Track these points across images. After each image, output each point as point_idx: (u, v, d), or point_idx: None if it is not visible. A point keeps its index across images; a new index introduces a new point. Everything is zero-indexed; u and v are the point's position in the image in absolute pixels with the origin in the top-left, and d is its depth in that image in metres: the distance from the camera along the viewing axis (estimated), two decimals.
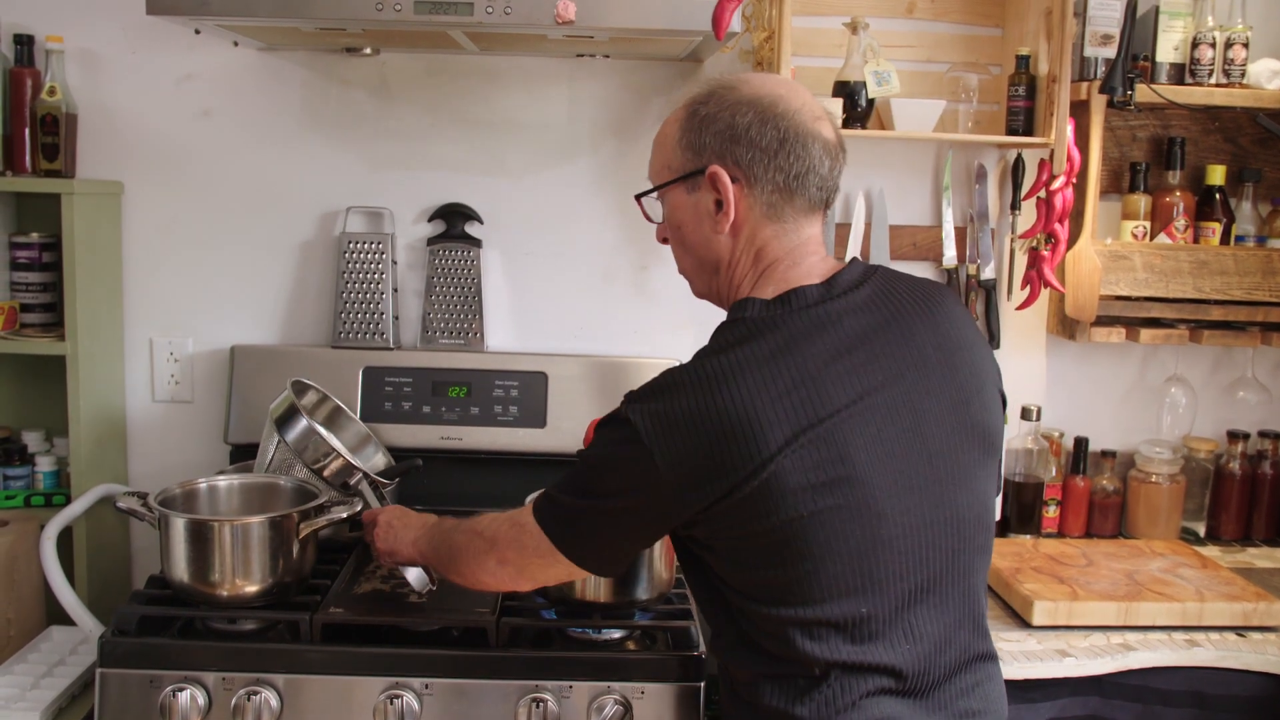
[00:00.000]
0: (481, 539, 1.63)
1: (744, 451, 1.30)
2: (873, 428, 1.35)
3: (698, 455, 1.32)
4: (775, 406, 1.31)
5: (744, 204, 1.45)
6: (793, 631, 1.37)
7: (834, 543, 1.33)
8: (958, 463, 1.42)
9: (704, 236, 1.49)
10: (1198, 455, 2.57)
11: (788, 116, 1.42)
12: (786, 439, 1.30)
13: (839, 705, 1.37)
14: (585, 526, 1.47)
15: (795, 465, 1.31)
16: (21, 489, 2.38)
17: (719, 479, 1.31)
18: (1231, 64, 2.36)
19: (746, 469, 1.30)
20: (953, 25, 2.49)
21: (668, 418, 1.33)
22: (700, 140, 1.45)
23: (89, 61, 2.42)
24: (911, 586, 1.38)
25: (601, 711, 1.79)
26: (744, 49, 2.44)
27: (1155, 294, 2.39)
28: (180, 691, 1.77)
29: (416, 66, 2.47)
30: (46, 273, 2.34)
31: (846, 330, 1.38)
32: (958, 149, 2.53)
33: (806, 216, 1.47)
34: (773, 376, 1.32)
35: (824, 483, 1.32)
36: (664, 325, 2.55)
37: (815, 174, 1.44)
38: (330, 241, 2.50)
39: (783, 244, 1.46)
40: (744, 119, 1.42)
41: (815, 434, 1.31)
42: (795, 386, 1.32)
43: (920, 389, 1.39)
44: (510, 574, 1.59)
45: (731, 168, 1.43)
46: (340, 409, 2.29)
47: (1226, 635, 2.02)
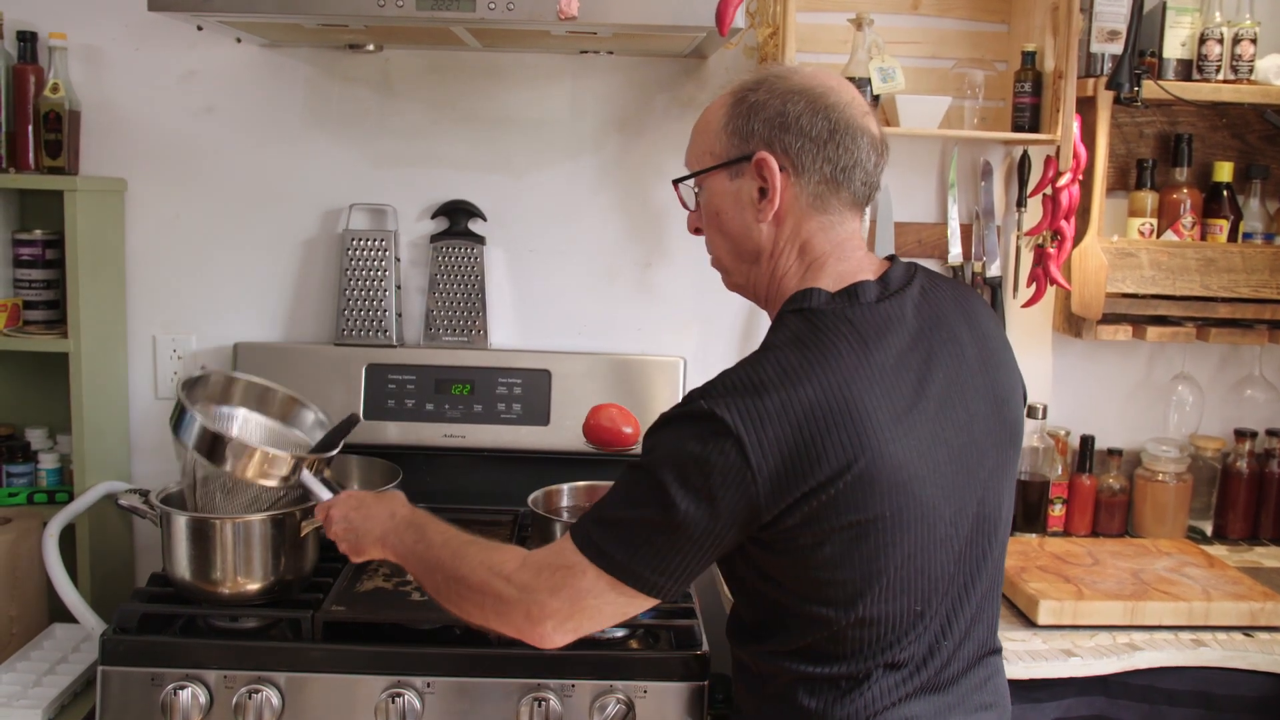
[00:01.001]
0: (505, 582, 1.43)
1: (843, 441, 1.27)
2: (935, 427, 1.35)
3: (795, 446, 1.27)
4: (867, 398, 1.30)
5: (789, 193, 1.42)
6: (848, 632, 1.36)
7: (899, 542, 1.33)
8: (996, 462, 1.43)
9: (745, 224, 1.46)
10: (1205, 454, 2.56)
11: (839, 108, 1.41)
12: (884, 430, 1.29)
13: (880, 705, 1.37)
14: (660, 545, 1.33)
15: (893, 459, 1.29)
16: (24, 486, 2.38)
17: (815, 471, 1.27)
18: (1239, 60, 2.34)
19: (845, 459, 1.27)
20: (958, 21, 2.48)
21: (759, 411, 1.28)
22: (749, 126, 1.42)
23: (92, 58, 2.42)
24: (957, 586, 1.40)
25: (604, 711, 1.79)
26: (748, 45, 2.43)
27: (1162, 291, 2.38)
28: (182, 689, 1.77)
29: (419, 63, 2.47)
30: (49, 270, 2.34)
31: (909, 327, 1.39)
32: (963, 146, 2.52)
33: (850, 210, 1.45)
34: (863, 366, 1.31)
35: (902, 481, 1.31)
36: (668, 323, 2.55)
37: (861, 168, 1.43)
38: (333, 238, 2.49)
39: (829, 237, 1.44)
40: (795, 107, 1.40)
41: (899, 429, 1.31)
42: (881, 379, 1.32)
43: (969, 389, 1.40)
44: (551, 628, 1.41)
45: (780, 155, 1.41)
46: (255, 385, 2.03)
47: (1233, 635, 2.01)
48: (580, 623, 1.40)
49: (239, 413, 2.01)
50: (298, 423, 2.03)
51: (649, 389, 2.40)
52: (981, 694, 1.46)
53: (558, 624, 1.40)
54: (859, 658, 1.37)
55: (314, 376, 2.39)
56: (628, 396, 2.39)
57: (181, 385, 1.85)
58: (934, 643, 1.39)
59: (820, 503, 1.28)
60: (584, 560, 1.36)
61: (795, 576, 1.36)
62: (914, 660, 1.38)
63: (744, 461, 1.27)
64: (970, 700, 1.44)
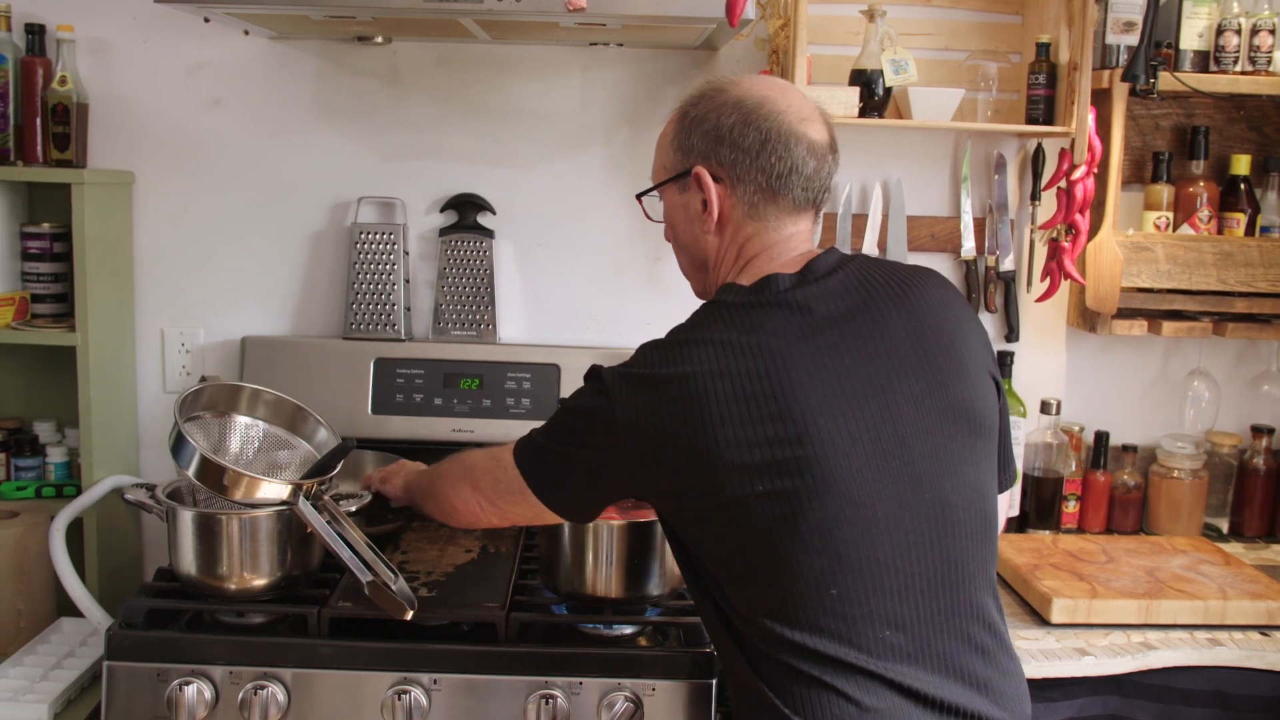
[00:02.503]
0: (461, 466, 1.74)
1: (693, 424, 1.34)
2: (836, 410, 1.35)
3: (653, 419, 1.37)
4: (731, 383, 1.34)
5: (727, 203, 1.49)
6: (768, 613, 1.36)
7: (794, 521, 1.33)
8: (939, 447, 1.40)
9: (694, 235, 1.54)
10: (1221, 450, 2.54)
11: (771, 118, 1.45)
12: (736, 415, 1.33)
13: (819, 697, 1.34)
14: (556, 471, 1.53)
15: (740, 441, 1.33)
16: (32, 480, 2.37)
17: (669, 447, 1.36)
18: (1257, 51, 2.32)
19: (693, 442, 1.34)
20: (971, 12, 2.46)
21: (632, 379, 1.40)
22: (689, 141, 1.49)
23: (100, 51, 2.41)
24: (897, 574, 1.36)
25: (612, 709, 1.78)
26: (759, 37, 2.41)
27: (1178, 286, 2.36)
28: (187, 685, 1.76)
29: (428, 55, 2.45)
30: (57, 263, 2.33)
31: (816, 315, 1.40)
32: (977, 138, 2.50)
33: (790, 215, 1.49)
34: (734, 354, 1.36)
35: (777, 461, 1.32)
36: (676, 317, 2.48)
37: (799, 174, 1.46)
38: (342, 232, 2.48)
39: (762, 240, 1.50)
40: (728, 120, 1.46)
41: (770, 411, 1.33)
42: (755, 365, 1.35)
43: (890, 373, 1.39)
44: (481, 504, 1.68)
45: (715, 168, 1.48)
46: (257, 392, 2.03)
47: (1250, 634, 1.99)
48: (504, 509, 1.66)
49: (240, 421, 2.01)
50: (302, 429, 2.04)
51: None
52: (979, 701, 1.38)
53: (486, 499, 1.67)
54: (784, 644, 1.35)
55: (322, 371, 2.38)
56: None
57: (178, 405, 1.85)
58: (881, 635, 1.35)
59: (682, 479, 1.37)
60: (512, 461, 1.58)
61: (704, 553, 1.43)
62: (867, 657, 1.34)
63: (612, 420, 1.40)
64: (964, 707, 1.37)
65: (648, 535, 1.87)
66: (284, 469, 2.01)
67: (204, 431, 1.96)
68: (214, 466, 1.78)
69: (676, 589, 1.94)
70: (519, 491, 1.57)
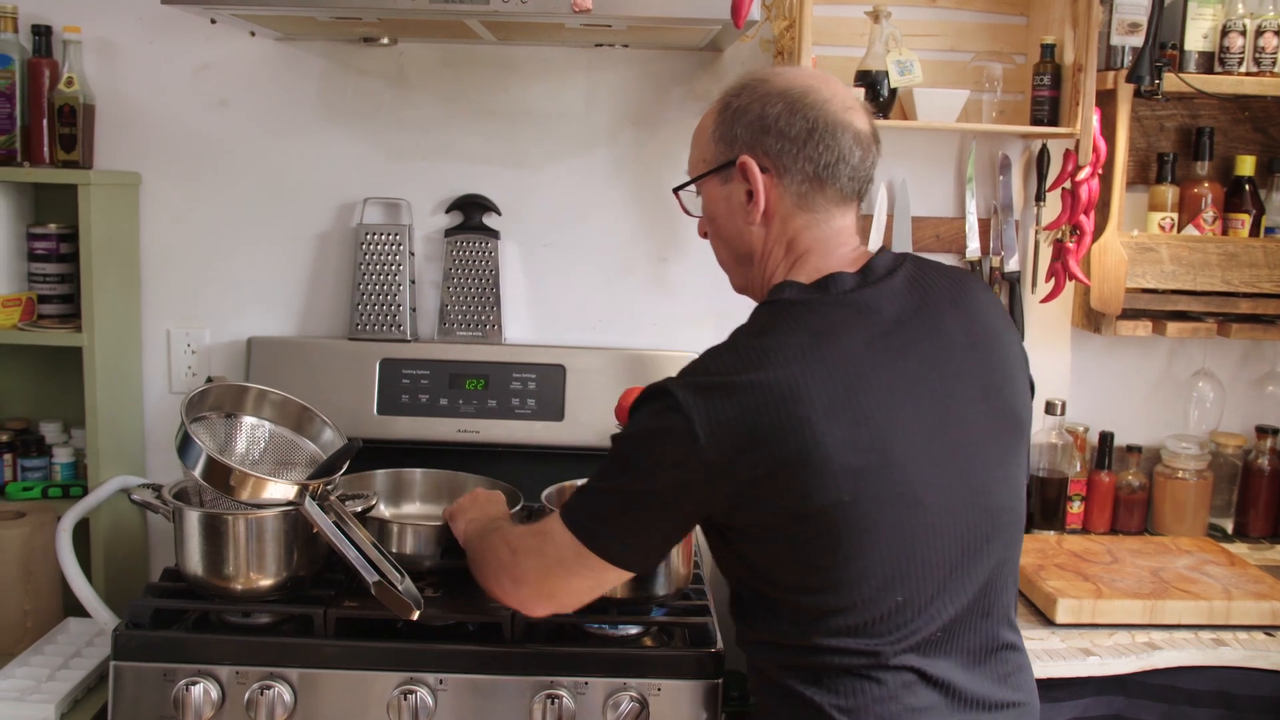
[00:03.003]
0: (506, 548, 1.59)
1: (788, 427, 1.30)
2: (907, 414, 1.35)
3: (740, 427, 1.31)
4: (818, 387, 1.31)
5: (774, 194, 1.46)
6: (828, 621, 1.36)
7: (874, 529, 1.33)
8: (990, 449, 1.43)
9: (737, 228, 1.50)
10: (1225, 451, 2.54)
11: (817, 107, 1.43)
12: (830, 419, 1.30)
13: (873, 696, 1.36)
14: (620, 512, 1.43)
15: (839, 445, 1.30)
16: (39, 480, 2.38)
17: (761, 451, 1.30)
18: (1262, 52, 2.31)
19: (791, 444, 1.30)
20: (976, 14, 2.46)
21: (709, 388, 1.33)
22: (732, 132, 1.47)
23: (106, 52, 2.41)
24: (944, 574, 1.38)
25: (618, 708, 1.78)
26: (764, 38, 2.41)
27: (1182, 287, 2.36)
28: (194, 685, 1.77)
29: (434, 56, 2.46)
30: (64, 264, 2.34)
31: (883, 317, 1.40)
32: (981, 139, 2.50)
33: (839, 206, 1.47)
34: (814, 359, 1.33)
35: (864, 467, 1.31)
36: (683, 317, 2.53)
37: (846, 163, 1.44)
38: (347, 233, 2.49)
39: (814, 234, 1.47)
40: (774, 109, 1.43)
41: (856, 417, 1.32)
42: (835, 370, 1.33)
43: (952, 375, 1.40)
44: (527, 594, 1.55)
45: (761, 158, 1.45)
46: (263, 392, 2.05)
47: (1255, 634, 1.99)
48: (552, 589, 1.52)
49: (247, 421, 2.01)
50: (308, 430, 2.05)
51: None
52: (1001, 691, 1.44)
53: (534, 590, 1.53)
54: (846, 648, 1.36)
55: (328, 371, 2.39)
56: None
57: (185, 405, 1.86)
58: (924, 633, 1.38)
59: (774, 485, 1.31)
60: (559, 525, 1.46)
61: (770, 565, 1.39)
62: (910, 653, 1.37)
63: (692, 438, 1.32)
64: (986, 699, 1.42)
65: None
66: (290, 469, 2.02)
67: (210, 432, 1.96)
68: (220, 467, 1.79)
69: (682, 589, 1.94)
70: (573, 561, 1.45)
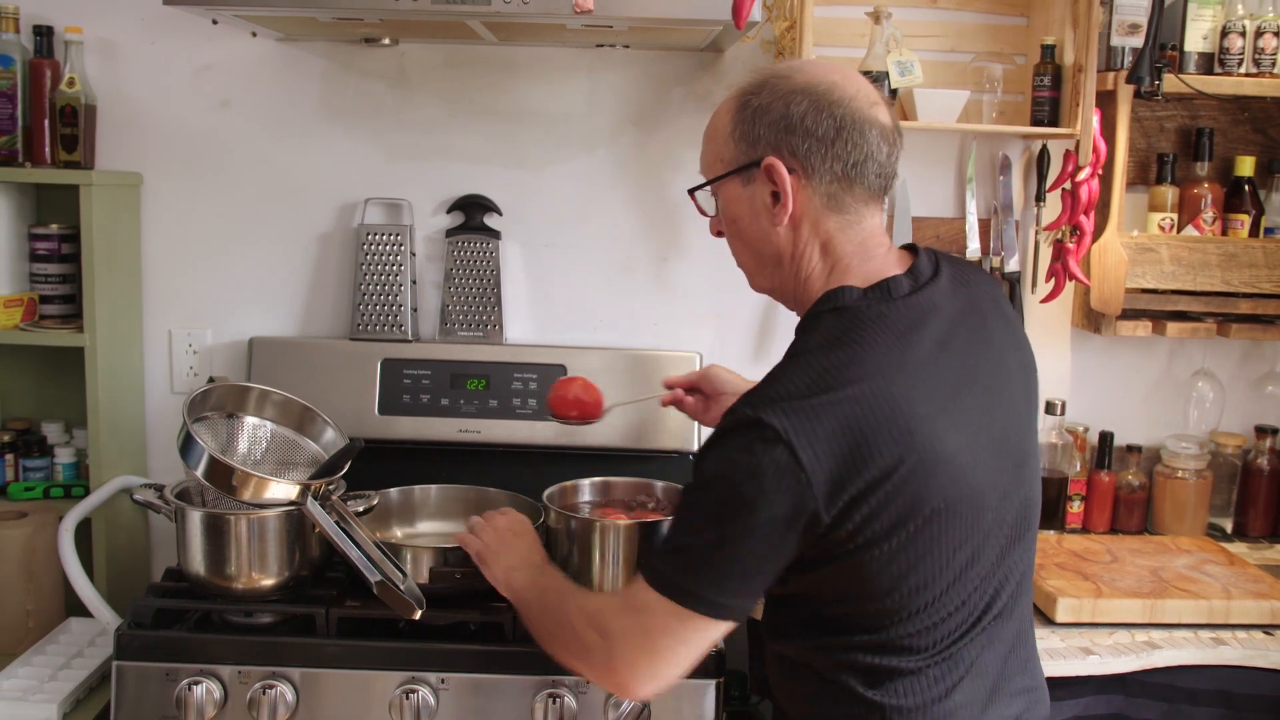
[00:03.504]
0: (592, 630, 1.44)
1: (893, 438, 1.26)
2: (976, 415, 1.35)
3: (845, 446, 1.25)
4: (910, 392, 1.29)
5: (802, 195, 1.41)
6: (904, 625, 1.35)
7: (953, 533, 1.33)
8: (1030, 444, 1.46)
9: (762, 230, 1.45)
10: (1225, 450, 2.54)
11: (843, 103, 1.38)
12: (926, 423, 1.29)
13: (933, 693, 1.37)
14: (719, 562, 1.31)
15: (937, 450, 1.29)
16: (40, 480, 2.38)
17: (868, 469, 1.26)
18: (1262, 53, 2.32)
19: (895, 455, 1.26)
20: (977, 14, 2.46)
21: (806, 413, 1.26)
22: (754, 131, 1.41)
23: (108, 52, 2.42)
24: (1001, 572, 1.40)
25: (619, 708, 1.78)
26: (765, 39, 2.41)
27: (1182, 287, 2.36)
28: (196, 685, 1.77)
29: (435, 57, 2.46)
30: (65, 264, 2.34)
31: (942, 318, 1.39)
32: (982, 140, 2.50)
33: (867, 206, 1.44)
34: (900, 364, 1.31)
35: (951, 473, 1.30)
36: (684, 317, 2.54)
37: (874, 161, 1.40)
38: (349, 233, 2.49)
39: (849, 236, 1.43)
40: (798, 108, 1.38)
41: (944, 421, 1.31)
42: (920, 374, 1.32)
43: (1004, 374, 1.42)
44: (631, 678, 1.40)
45: (788, 158, 1.39)
46: (265, 393, 2.06)
47: (1254, 634, 1.99)
48: (656, 665, 1.37)
49: (248, 421, 2.01)
50: (310, 430, 2.05)
51: None
52: (1021, 678, 1.47)
53: (633, 670, 1.38)
54: (912, 649, 1.37)
55: (329, 371, 2.39)
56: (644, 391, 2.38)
57: (187, 405, 1.86)
58: (980, 627, 1.40)
59: (877, 501, 1.27)
60: (652, 594, 1.34)
61: (850, 575, 1.33)
62: (962, 645, 1.38)
63: (796, 464, 1.25)
64: (1011, 684, 1.44)
65: (655, 535, 1.88)
66: (292, 469, 2.02)
67: (212, 432, 1.97)
68: (223, 467, 1.79)
69: None
70: (677, 628, 1.33)
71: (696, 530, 1.33)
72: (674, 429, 2.39)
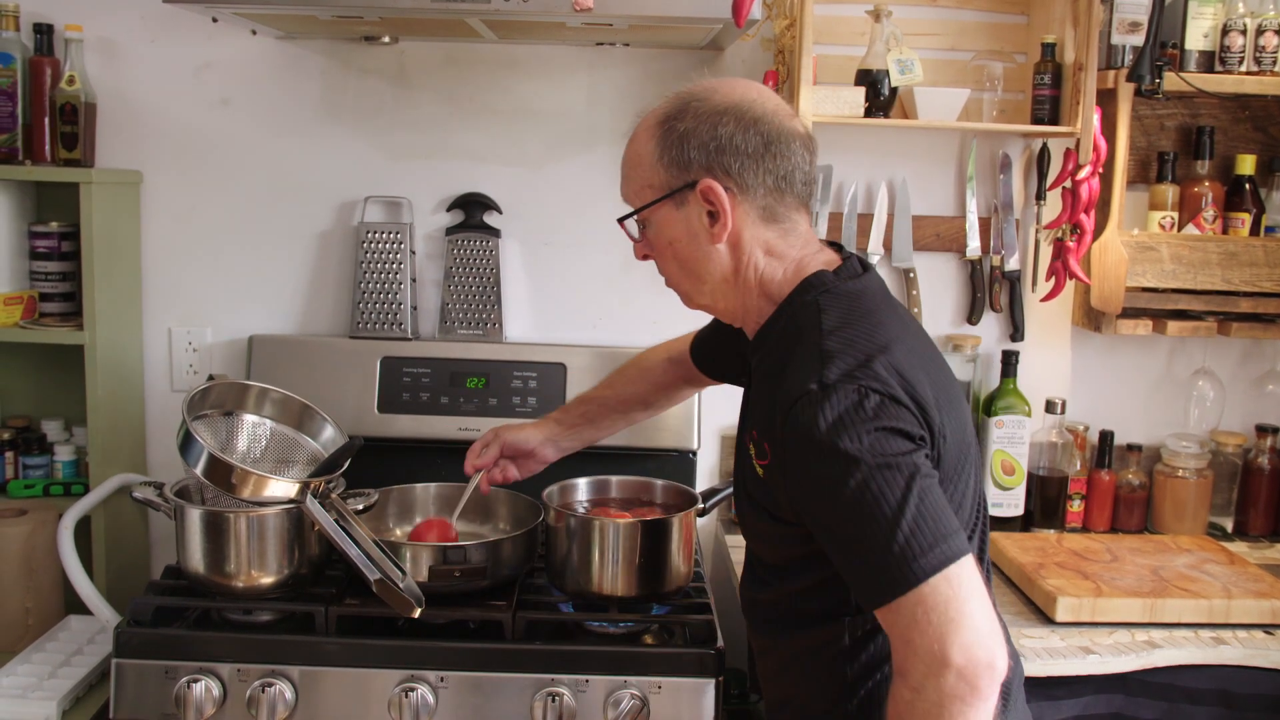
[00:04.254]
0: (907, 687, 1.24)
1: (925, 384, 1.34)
2: (945, 367, 1.46)
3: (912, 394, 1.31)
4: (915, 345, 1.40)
5: (739, 211, 1.44)
6: None
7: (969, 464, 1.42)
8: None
9: (700, 250, 1.47)
10: (1225, 449, 2.54)
11: (766, 119, 1.43)
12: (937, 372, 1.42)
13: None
14: (930, 509, 1.23)
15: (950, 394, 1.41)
16: (40, 478, 2.38)
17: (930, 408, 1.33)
18: (1263, 51, 2.31)
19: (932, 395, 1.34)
20: (977, 13, 2.46)
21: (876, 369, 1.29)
22: (684, 155, 1.43)
23: (108, 50, 2.42)
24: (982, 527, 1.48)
25: (618, 706, 1.78)
26: (765, 37, 2.41)
27: (1183, 286, 2.36)
28: (195, 683, 1.78)
29: (435, 55, 2.46)
30: (65, 262, 2.34)
31: (889, 292, 1.52)
32: (982, 138, 2.50)
33: (798, 212, 1.49)
34: (901, 325, 1.42)
35: (961, 412, 1.42)
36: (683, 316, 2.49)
37: (800, 170, 1.46)
38: (348, 231, 2.49)
39: (789, 242, 1.47)
40: (725, 129, 1.42)
41: (944, 375, 1.44)
42: (914, 334, 1.44)
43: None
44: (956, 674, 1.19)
45: (722, 178, 1.42)
46: (265, 391, 2.06)
47: (1254, 633, 1.99)
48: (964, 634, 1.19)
49: (248, 419, 2.01)
50: (309, 428, 2.05)
51: None
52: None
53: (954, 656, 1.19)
54: None
55: (329, 369, 2.39)
56: None
57: (186, 403, 1.86)
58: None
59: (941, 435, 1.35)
60: (913, 594, 1.21)
61: None
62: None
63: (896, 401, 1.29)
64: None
65: (653, 533, 1.88)
66: (291, 467, 2.02)
67: (212, 430, 1.97)
68: (222, 465, 1.79)
69: (682, 587, 1.94)
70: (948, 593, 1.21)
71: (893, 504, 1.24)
72: (673, 427, 2.39)
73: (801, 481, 1.31)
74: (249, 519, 1.82)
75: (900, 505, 1.23)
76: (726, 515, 2.51)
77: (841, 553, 1.28)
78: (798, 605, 1.46)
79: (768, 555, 1.48)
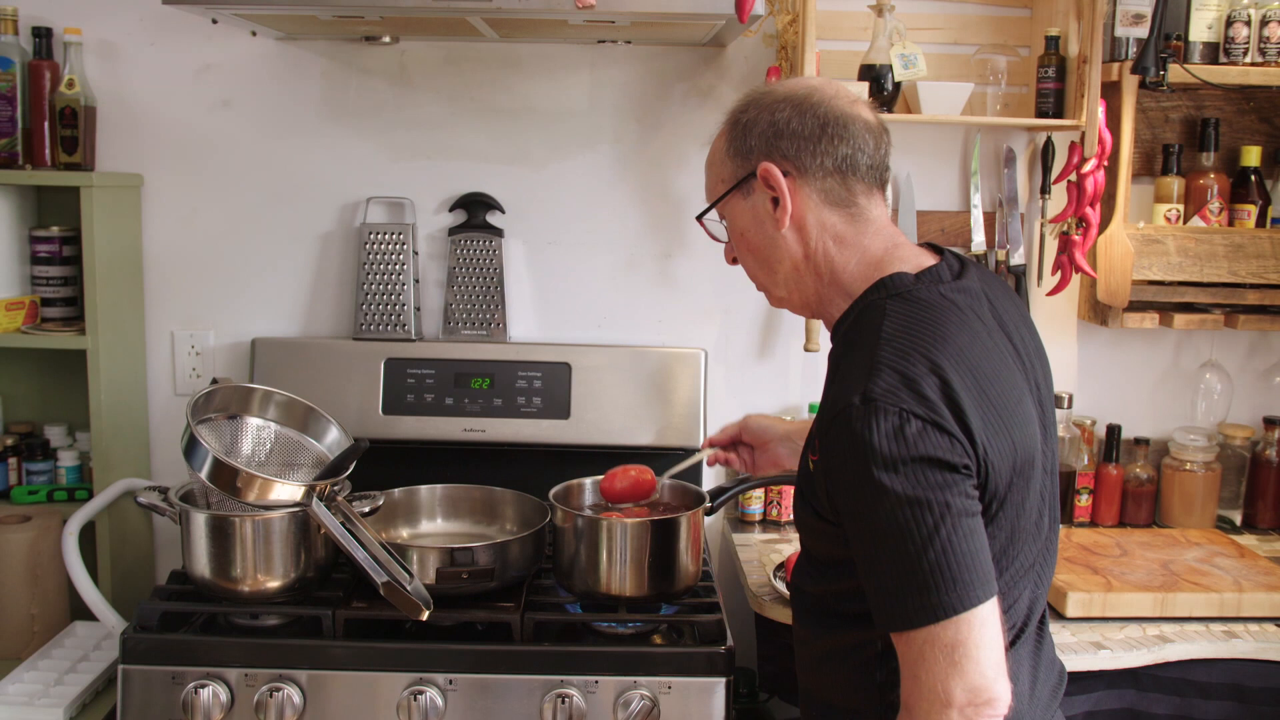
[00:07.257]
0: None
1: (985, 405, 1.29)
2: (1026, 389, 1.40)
3: (961, 416, 1.26)
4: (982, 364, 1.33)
5: (800, 194, 1.45)
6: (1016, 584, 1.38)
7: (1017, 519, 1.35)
8: (1051, 419, 1.48)
9: (768, 237, 1.48)
10: (1233, 442, 2.53)
11: (823, 104, 1.44)
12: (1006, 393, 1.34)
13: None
14: (956, 548, 1.22)
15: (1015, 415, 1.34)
16: (44, 484, 2.37)
17: (980, 430, 1.27)
18: (1267, 42, 2.30)
19: (989, 418, 1.29)
20: (980, 6, 2.45)
21: (924, 392, 1.25)
22: (746, 145, 1.47)
23: (107, 53, 2.41)
24: (1041, 562, 1.43)
25: (628, 707, 1.78)
26: (768, 33, 2.40)
27: (1189, 278, 2.35)
28: (203, 688, 1.77)
29: (436, 55, 2.45)
30: (67, 266, 2.33)
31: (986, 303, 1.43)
32: (986, 132, 2.49)
33: (866, 197, 1.47)
34: (970, 341, 1.33)
35: (1026, 438, 1.35)
36: (688, 314, 2.53)
37: (864, 153, 1.45)
38: (351, 232, 2.48)
39: (859, 229, 1.46)
40: (782, 114, 1.44)
41: (1014, 395, 1.35)
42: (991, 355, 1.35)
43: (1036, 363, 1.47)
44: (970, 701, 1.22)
45: (780, 161, 1.44)
46: (269, 394, 2.05)
47: (1266, 626, 1.98)
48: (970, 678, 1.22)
49: (252, 422, 2.01)
50: (314, 431, 2.04)
51: (670, 381, 2.39)
52: (1049, 650, 1.51)
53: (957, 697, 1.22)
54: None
55: (332, 371, 2.38)
56: (649, 388, 2.37)
57: (190, 407, 1.86)
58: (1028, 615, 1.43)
59: (992, 461, 1.28)
60: (924, 631, 1.22)
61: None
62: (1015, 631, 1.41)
63: (939, 428, 1.24)
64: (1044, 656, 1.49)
65: (661, 533, 1.87)
66: (296, 470, 2.01)
67: (216, 434, 1.96)
68: (227, 468, 1.78)
69: (691, 587, 1.93)
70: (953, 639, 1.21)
71: (919, 536, 1.23)
72: (679, 427, 2.38)
73: (838, 492, 1.31)
74: (255, 523, 1.82)
75: (926, 542, 1.22)
76: (734, 514, 2.51)
77: (864, 570, 1.29)
78: (837, 605, 1.45)
79: (814, 549, 1.48)
